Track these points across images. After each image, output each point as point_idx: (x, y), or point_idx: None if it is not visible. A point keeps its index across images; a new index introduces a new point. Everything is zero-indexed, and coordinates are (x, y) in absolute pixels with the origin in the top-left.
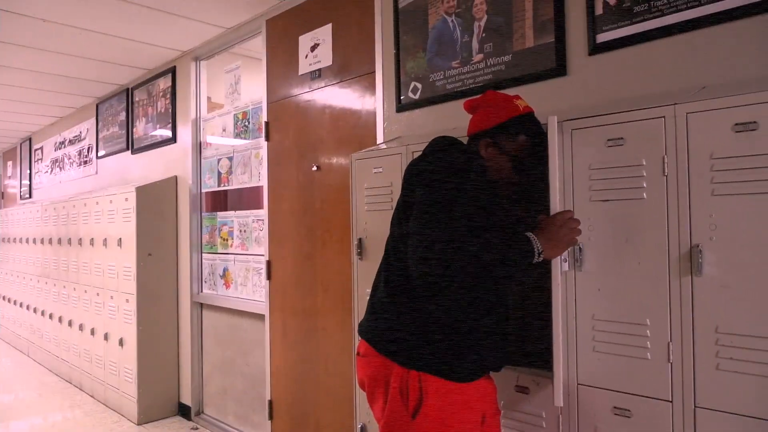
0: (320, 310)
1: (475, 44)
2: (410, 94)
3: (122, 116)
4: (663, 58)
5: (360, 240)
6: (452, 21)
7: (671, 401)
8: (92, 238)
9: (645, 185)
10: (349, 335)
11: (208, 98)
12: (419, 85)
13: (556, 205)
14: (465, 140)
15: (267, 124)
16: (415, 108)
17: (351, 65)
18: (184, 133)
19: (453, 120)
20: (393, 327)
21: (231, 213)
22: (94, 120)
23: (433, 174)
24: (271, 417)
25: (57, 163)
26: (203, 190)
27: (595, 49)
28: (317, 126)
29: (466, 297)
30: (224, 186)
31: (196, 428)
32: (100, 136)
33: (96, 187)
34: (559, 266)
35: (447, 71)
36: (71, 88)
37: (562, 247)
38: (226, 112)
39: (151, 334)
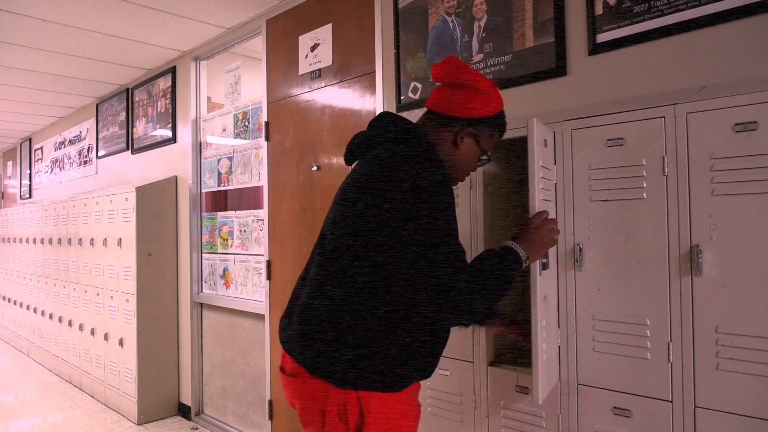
0: None
1: (475, 44)
2: (410, 94)
3: (122, 116)
4: (663, 58)
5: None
6: (452, 21)
7: (671, 401)
8: (92, 238)
9: (645, 185)
10: None
11: (208, 98)
12: (419, 85)
13: (535, 207)
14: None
15: (267, 124)
16: (416, 108)
17: (351, 65)
18: (184, 133)
19: None
20: (329, 347)
21: (231, 213)
22: (94, 120)
23: (419, 206)
24: (271, 417)
25: (57, 163)
26: (203, 190)
27: (595, 49)
28: (317, 126)
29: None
30: (224, 186)
31: (196, 428)
32: (100, 136)
33: (96, 187)
34: (538, 267)
35: None
36: (71, 88)
37: (543, 249)
38: (226, 112)
39: (151, 334)
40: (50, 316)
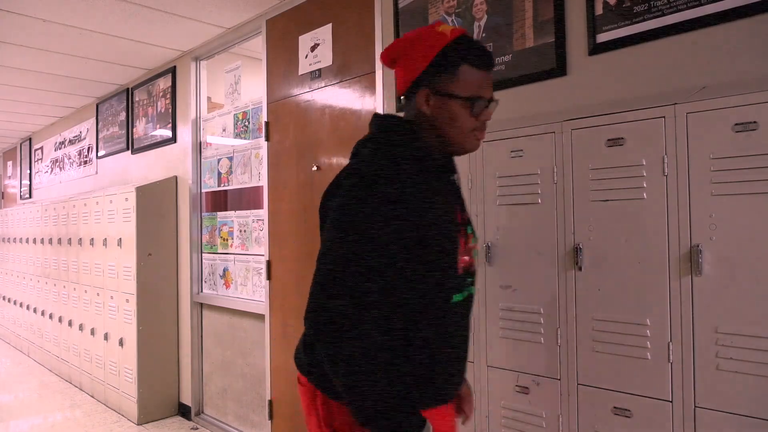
0: None
1: None
2: None
3: (122, 116)
4: (663, 58)
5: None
6: (452, 21)
7: (671, 401)
8: (92, 238)
9: (645, 185)
10: None
11: (208, 98)
12: None
13: None
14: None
15: (267, 124)
16: None
17: (351, 65)
18: (184, 133)
19: None
20: (313, 355)
21: (231, 213)
22: (94, 120)
23: (368, 228)
24: (271, 417)
25: (57, 163)
26: (203, 190)
27: (595, 49)
28: (317, 126)
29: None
30: (224, 186)
31: (196, 428)
32: (100, 136)
33: (96, 187)
34: None
35: None
36: (71, 88)
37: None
38: (226, 112)
39: (151, 334)
40: (50, 316)
